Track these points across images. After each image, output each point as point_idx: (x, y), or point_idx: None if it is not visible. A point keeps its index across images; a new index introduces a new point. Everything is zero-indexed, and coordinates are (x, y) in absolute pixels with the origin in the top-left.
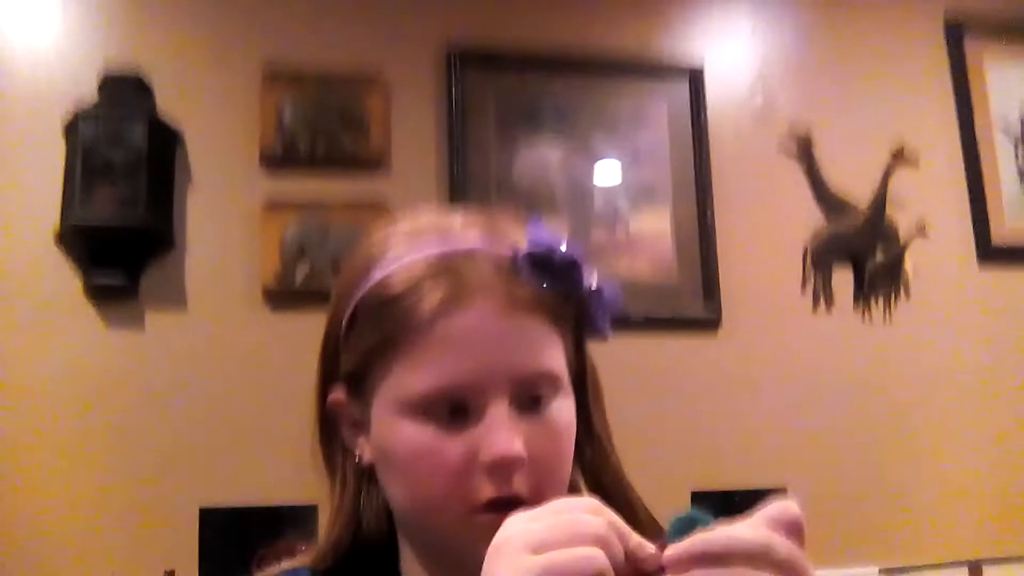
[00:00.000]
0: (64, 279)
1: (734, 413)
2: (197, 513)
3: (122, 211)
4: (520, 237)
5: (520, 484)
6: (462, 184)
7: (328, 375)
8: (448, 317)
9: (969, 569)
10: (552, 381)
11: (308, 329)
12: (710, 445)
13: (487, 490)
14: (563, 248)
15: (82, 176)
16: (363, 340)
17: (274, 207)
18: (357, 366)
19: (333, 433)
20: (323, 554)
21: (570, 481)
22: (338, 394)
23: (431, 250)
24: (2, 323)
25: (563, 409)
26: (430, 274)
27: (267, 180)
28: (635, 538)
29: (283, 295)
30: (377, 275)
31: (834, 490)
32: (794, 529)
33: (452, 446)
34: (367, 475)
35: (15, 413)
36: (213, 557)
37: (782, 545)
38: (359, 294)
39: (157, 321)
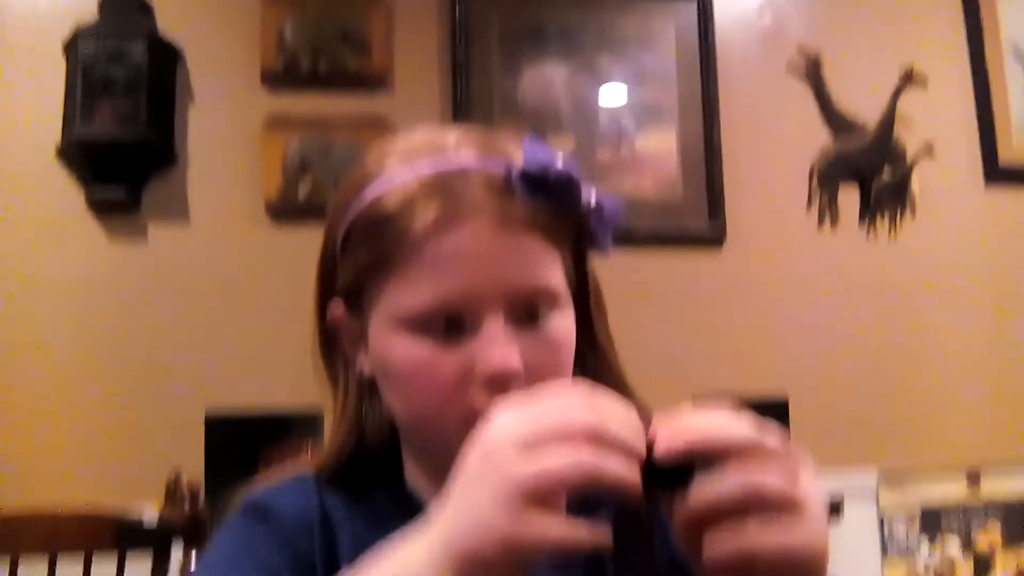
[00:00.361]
0: (67, 194)
1: (737, 329)
2: (203, 419)
3: (122, 126)
4: (516, 154)
5: None
6: (465, 103)
7: (326, 290)
8: (441, 235)
9: (967, 474)
10: (549, 296)
11: (311, 243)
12: (713, 360)
13: (483, 403)
14: (559, 164)
15: (83, 93)
16: (358, 258)
17: (276, 124)
18: (353, 283)
19: (334, 346)
20: (327, 460)
21: None
22: (337, 309)
23: (425, 169)
24: (6, 238)
25: (561, 323)
26: (423, 193)
27: (269, 98)
28: (629, 421)
29: (286, 210)
30: (371, 194)
31: (835, 399)
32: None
33: (448, 360)
34: (368, 386)
35: (21, 326)
36: (219, 462)
37: (768, 436)
38: (353, 212)
39: (160, 235)
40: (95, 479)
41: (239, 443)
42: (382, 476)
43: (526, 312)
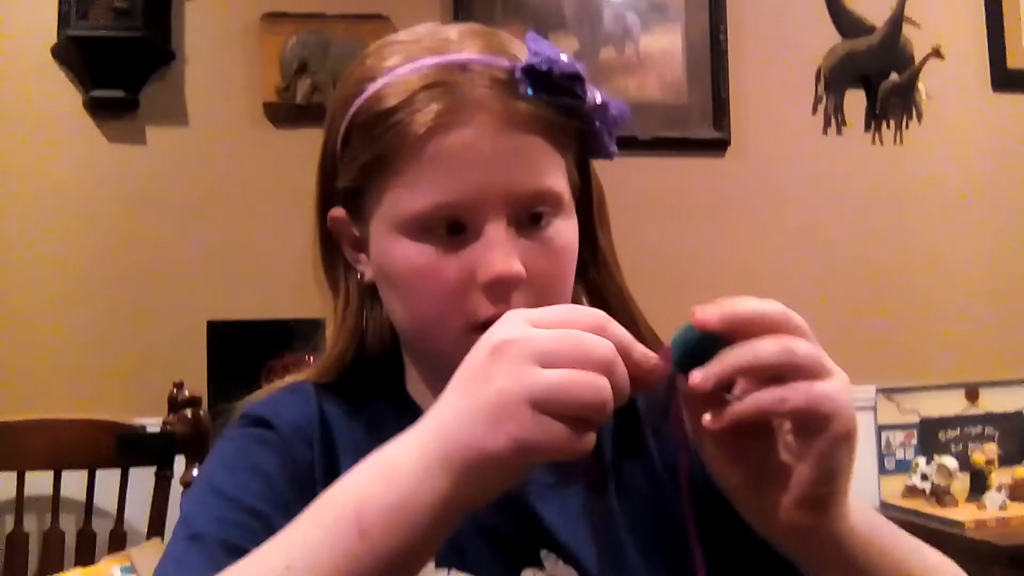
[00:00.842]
0: (64, 94)
1: (741, 234)
2: (204, 326)
3: (118, 21)
4: (520, 51)
5: (518, 303)
6: (467, 0)
7: (327, 192)
8: (442, 134)
9: (966, 390)
10: (552, 200)
11: (310, 144)
12: (716, 265)
13: (485, 308)
14: (564, 61)
15: None
16: (358, 156)
17: (273, 19)
18: (354, 183)
19: (335, 250)
20: (327, 368)
21: (572, 301)
22: (338, 212)
23: (427, 64)
24: (3, 139)
25: (564, 229)
26: (425, 88)
27: None
28: (639, 349)
29: (284, 110)
30: (371, 88)
31: (836, 309)
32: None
33: (449, 264)
34: (369, 292)
35: (18, 228)
36: (221, 370)
37: (795, 315)
38: (354, 108)
39: (158, 135)
40: (96, 392)
41: (241, 351)
42: (382, 383)
43: (528, 216)
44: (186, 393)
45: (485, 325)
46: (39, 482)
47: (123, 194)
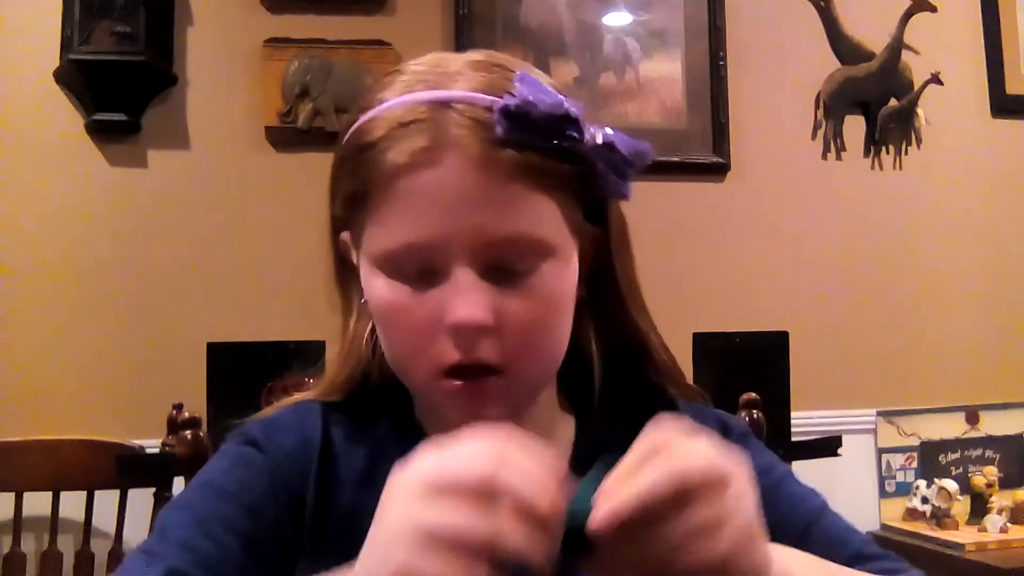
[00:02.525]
0: (66, 117)
1: (740, 258)
2: (204, 348)
3: (120, 45)
4: (511, 90)
5: (488, 351)
6: (467, 24)
7: (334, 214)
8: (415, 172)
9: (966, 413)
10: (532, 246)
11: (311, 168)
12: (715, 289)
13: (451, 354)
14: (548, 101)
15: (81, 13)
16: (344, 186)
17: (275, 44)
18: (343, 214)
19: (349, 270)
20: (336, 386)
21: (582, 337)
22: (346, 235)
23: (415, 97)
24: (5, 162)
25: (551, 275)
26: (405, 123)
27: (268, 17)
28: (539, 478)
29: (286, 134)
30: (361, 120)
31: (836, 334)
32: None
33: (419, 305)
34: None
35: (19, 250)
36: (220, 391)
37: (694, 468)
38: (345, 137)
39: (160, 159)
40: (95, 413)
41: (242, 372)
42: (390, 405)
43: (505, 261)
44: (185, 414)
45: (452, 370)
46: (38, 502)
47: (124, 217)
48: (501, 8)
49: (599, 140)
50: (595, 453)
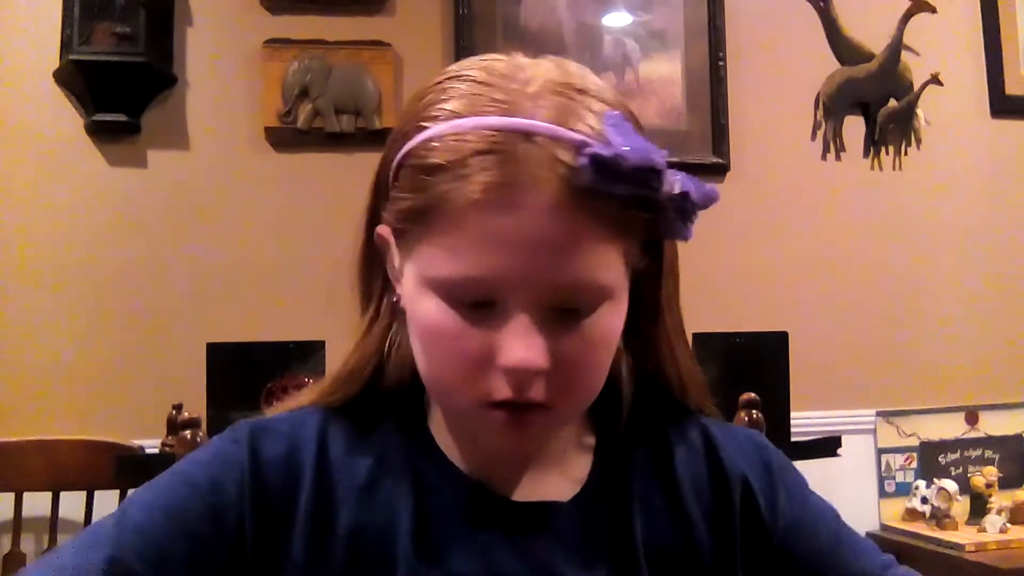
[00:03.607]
0: (66, 117)
1: (740, 258)
2: (204, 348)
3: (120, 46)
4: (595, 123)
5: (538, 390)
6: (467, 24)
7: (376, 208)
8: (489, 209)
9: (966, 414)
10: (596, 292)
11: (311, 169)
12: (715, 289)
13: (502, 390)
14: (640, 152)
15: (81, 13)
16: (404, 199)
17: (275, 45)
18: (395, 222)
19: (376, 262)
20: (339, 383)
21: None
22: (384, 230)
23: (488, 122)
24: (6, 162)
25: (605, 317)
26: (479, 151)
27: (268, 18)
28: None
29: (285, 135)
30: (427, 133)
31: (836, 334)
32: None
33: (472, 337)
34: (401, 315)
35: (19, 250)
36: (220, 391)
37: None
38: (407, 147)
39: (160, 159)
40: (95, 414)
41: (241, 373)
42: (400, 416)
43: (565, 304)
44: (185, 415)
45: (501, 404)
46: (37, 503)
47: (124, 217)
48: (501, 8)
49: (676, 190)
50: (613, 478)
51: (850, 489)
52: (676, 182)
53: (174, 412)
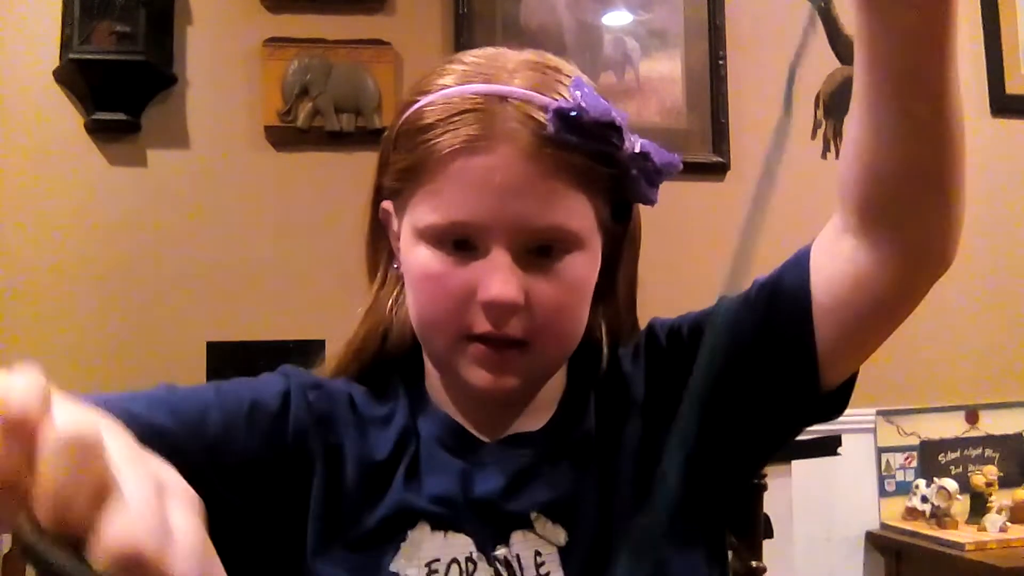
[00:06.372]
0: (65, 116)
1: (740, 258)
2: (204, 346)
3: (120, 45)
4: (565, 93)
5: (515, 327)
6: (467, 24)
7: (380, 185)
8: (468, 155)
9: (966, 413)
10: (564, 236)
11: (311, 167)
12: (714, 288)
13: (481, 324)
14: (599, 109)
15: (81, 12)
16: (398, 162)
17: (275, 44)
18: (393, 185)
19: (382, 237)
20: (349, 350)
21: (591, 327)
22: (388, 204)
23: (473, 88)
24: (6, 161)
25: (577, 264)
26: (462, 111)
27: (268, 17)
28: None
29: (285, 134)
30: (421, 102)
31: None
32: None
33: (456, 276)
34: (401, 282)
35: (19, 248)
36: None
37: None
38: (404, 117)
39: (159, 158)
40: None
41: (240, 371)
42: (404, 377)
43: (538, 247)
44: None
45: (479, 337)
46: None
47: (124, 216)
48: (501, 8)
49: (636, 149)
50: (578, 404)
51: (850, 488)
52: (637, 143)
53: None
